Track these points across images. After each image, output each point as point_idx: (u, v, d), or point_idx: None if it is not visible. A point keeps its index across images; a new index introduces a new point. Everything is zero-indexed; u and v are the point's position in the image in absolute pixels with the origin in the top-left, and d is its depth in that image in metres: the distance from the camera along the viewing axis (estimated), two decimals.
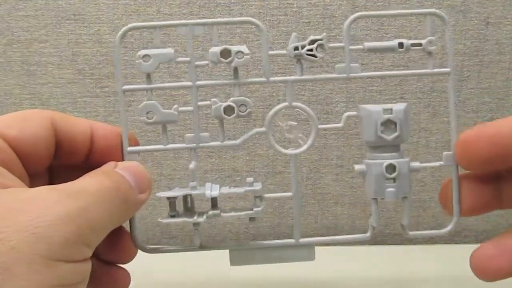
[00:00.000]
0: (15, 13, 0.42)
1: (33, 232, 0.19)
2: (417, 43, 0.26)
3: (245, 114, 0.26)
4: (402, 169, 0.25)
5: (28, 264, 0.18)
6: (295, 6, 0.41)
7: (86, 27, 0.42)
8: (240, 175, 0.45)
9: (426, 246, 0.47)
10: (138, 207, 0.25)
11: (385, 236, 0.47)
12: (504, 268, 0.23)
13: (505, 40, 0.42)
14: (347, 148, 0.45)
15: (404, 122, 0.25)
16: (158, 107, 0.26)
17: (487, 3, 0.41)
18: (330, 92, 0.43)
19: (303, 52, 0.25)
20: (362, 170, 0.26)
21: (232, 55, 0.25)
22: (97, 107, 0.44)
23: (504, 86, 0.43)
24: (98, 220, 0.21)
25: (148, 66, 0.25)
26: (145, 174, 0.25)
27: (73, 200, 0.20)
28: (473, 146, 0.23)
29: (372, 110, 0.25)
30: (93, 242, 0.21)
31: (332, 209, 0.46)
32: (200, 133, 0.26)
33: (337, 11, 0.41)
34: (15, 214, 0.19)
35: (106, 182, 0.23)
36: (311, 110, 0.26)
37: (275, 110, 0.26)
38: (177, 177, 0.46)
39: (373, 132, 0.25)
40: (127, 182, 0.24)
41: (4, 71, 0.44)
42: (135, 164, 0.25)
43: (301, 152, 0.27)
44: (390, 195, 0.25)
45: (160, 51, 0.25)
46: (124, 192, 0.23)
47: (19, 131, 0.24)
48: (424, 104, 0.43)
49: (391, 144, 0.25)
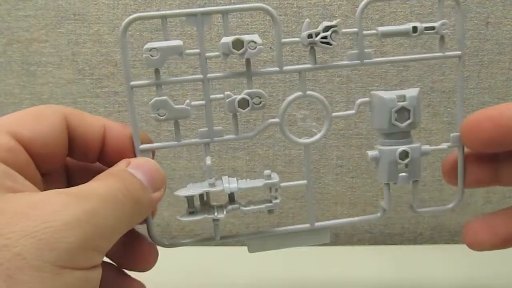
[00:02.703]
0: (15, 13, 0.42)
1: (40, 238, 0.18)
2: (430, 26, 0.25)
3: (259, 107, 0.25)
4: (414, 155, 0.25)
5: (33, 272, 0.18)
6: (295, 6, 0.41)
7: (86, 27, 0.42)
8: (240, 175, 0.45)
9: (426, 245, 0.47)
10: (152, 207, 0.24)
11: (385, 236, 0.47)
12: (486, 241, 0.26)
13: (505, 40, 0.42)
14: (347, 148, 0.45)
15: (417, 108, 0.25)
16: (169, 103, 0.24)
17: (487, 3, 0.41)
18: (330, 92, 0.43)
19: (317, 39, 0.24)
20: (376, 156, 0.26)
21: (244, 46, 0.23)
22: (97, 107, 0.44)
23: (504, 86, 0.43)
24: (107, 224, 0.21)
25: (156, 60, 0.23)
26: (158, 171, 0.24)
27: (81, 204, 0.20)
28: (477, 127, 0.24)
29: (385, 97, 0.25)
30: (102, 247, 0.21)
31: (332, 209, 0.46)
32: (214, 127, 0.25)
33: (337, 11, 0.41)
34: (21, 220, 0.19)
35: (115, 184, 0.22)
36: (325, 99, 0.26)
37: (289, 100, 0.25)
38: (177, 177, 0.46)
39: (387, 119, 0.25)
40: (137, 182, 0.23)
41: (4, 71, 0.44)
42: (148, 161, 0.24)
43: (315, 141, 0.26)
44: (403, 180, 0.26)
45: (168, 44, 0.23)
46: (134, 193, 0.23)
47: (32, 131, 0.23)
48: (424, 104, 0.43)
49: (404, 131, 0.25)
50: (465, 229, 0.27)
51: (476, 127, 0.24)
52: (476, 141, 0.25)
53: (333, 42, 0.24)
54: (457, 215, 0.47)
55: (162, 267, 0.27)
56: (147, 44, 0.23)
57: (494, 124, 0.24)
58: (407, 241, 0.47)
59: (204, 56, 0.24)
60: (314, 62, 0.25)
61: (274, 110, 0.43)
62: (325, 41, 0.24)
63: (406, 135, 0.26)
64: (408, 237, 0.48)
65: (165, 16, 0.24)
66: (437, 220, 0.47)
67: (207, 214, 0.25)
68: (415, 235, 0.48)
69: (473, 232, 0.26)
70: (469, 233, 0.26)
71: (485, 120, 0.24)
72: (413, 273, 0.39)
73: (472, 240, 0.26)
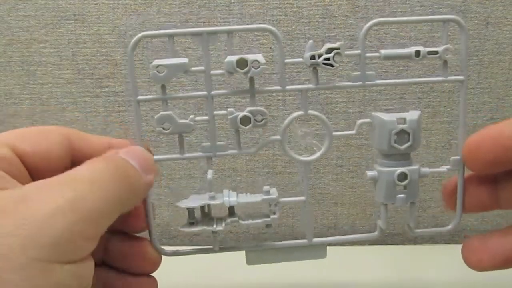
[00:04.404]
0: (15, 13, 0.42)
1: (22, 235, 0.18)
2: (433, 51, 0.25)
3: (261, 124, 0.25)
4: (412, 177, 0.25)
5: (19, 271, 0.17)
6: (295, 6, 0.41)
7: (86, 27, 0.42)
8: (240, 175, 0.45)
9: (427, 246, 0.47)
10: (146, 190, 0.24)
11: (385, 236, 0.47)
12: (484, 260, 0.25)
13: (505, 40, 0.42)
14: (347, 148, 0.45)
15: (417, 131, 0.25)
16: (174, 118, 0.25)
17: (487, 3, 0.41)
18: (330, 92, 0.43)
19: (320, 61, 0.25)
20: (374, 176, 0.26)
21: (248, 65, 0.24)
22: (97, 107, 0.44)
23: (504, 86, 0.43)
24: (94, 208, 0.20)
25: (163, 77, 0.24)
26: (149, 155, 0.24)
27: (63, 191, 0.19)
28: (478, 148, 0.24)
29: (386, 120, 0.25)
30: (90, 233, 0.20)
31: (332, 209, 0.46)
32: (217, 142, 0.26)
33: (337, 11, 0.41)
34: (2, 218, 0.18)
35: (103, 165, 0.21)
36: (326, 118, 0.26)
37: (291, 118, 0.26)
38: (177, 177, 0.46)
39: (387, 141, 0.25)
40: (127, 163, 0.23)
41: (4, 71, 0.44)
42: (137, 147, 0.24)
43: (315, 159, 0.27)
44: (400, 201, 0.26)
45: (174, 61, 0.24)
46: (124, 173, 0.22)
47: (32, 146, 0.23)
48: (424, 104, 0.43)
49: (403, 153, 0.25)
50: (464, 248, 0.26)
51: (478, 148, 0.24)
52: (478, 161, 0.24)
53: (336, 64, 0.25)
54: None
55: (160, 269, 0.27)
56: (154, 61, 0.24)
57: (495, 143, 0.23)
58: (407, 241, 0.47)
59: (209, 73, 0.25)
60: (316, 82, 0.26)
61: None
62: (328, 62, 0.25)
63: (406, 157, 0.26)
64: (408, 237, 0.48)
65: (172, 35, 0.24)
66: (437, 220, 0.47)
67: (207, 226, 0.26)
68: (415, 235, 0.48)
69: (472, 253, 0.26)
70: (468, 253, 0.26)
71: (485, 140, 0.24)
72: (413, 273, 0.39)
73: (472, 261, 0.26)
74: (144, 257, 0.26)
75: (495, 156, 0.23)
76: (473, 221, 0.47)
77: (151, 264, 0.26)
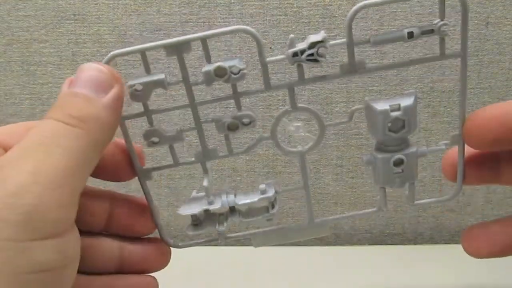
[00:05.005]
0: (15, 13, 0.42)
1: None
2: (428, 29, 0.23)
3: (250, 126, 0.25)
4: (409, 160, 0.25)
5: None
6: (295, 6, 0.41)
7: (86, 27, 0.42)
8: (240, 175, 0.45)
9: (426, 246, 0.47)
10: (111, 111, 0.21)
11: (385, 236, 0.47)
12: (484, 248, 0.25)
13: (505, 40, 0.42)
14: (347, 148, 0.45)
15: (412, 117, 0.24)
16: (160, 132, 0.24)
17: (487, 3, 0.41)
18: (330, 92, 0.43)
19: (303, 58, 0.23)
20: (371, 161, 0.26)
21: (227, 72, 0.23)
22: None
23: (504, 86, 0.43)
24: (59, 168, 0.18)
25: (141, 95, 0.23)
26: (101, 71, 0.21)
27: (22, 165, 0.18)
28: (480, 126, 0.23)
29: (378, 109, 0.24)
30: (64, 199, 0.18)
31: (332, 209, 0.46)
32: (209, 146, 0.26)
33: (337, 11, 0.41)
34: None
35: (53, 119, 0.20)
36: (316, 110, 0.25)
37: (278, 116, 0.25)
38: (177, 177, 0.46)
39: (381, 130, 0.24)
40: (78, 100, 0.20)
41: (4, 71, 0.44)
42: (88, 66, 0.22)
43: (311, 149, 0.26)
44: (398, 184, 0.26)
45: (150, 79, 0.23)
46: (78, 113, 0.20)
47: None
48: (424, 104, 0.43)
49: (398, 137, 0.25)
50: (464, 235, 0.27)
51: (481, 127, 0.24)
52: (480, 141, 0.24)
53: (321, 58, 0.23)
54: (457, 215, 0.47)
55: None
56: (130, 81, 0.23)
57: (500, 123, 0.23)
58: (407, 241, 0.47)
59: (188, 84, 0.24)
60: (302, 78, 0.24)
61: (274, 110, 0.43)
62: (312, 58, 0.23)
63: (403, 140, 0.25)
64: (408, 237, 0.48)
65: (143, 50, 0.23)
66: (437, 220, 0.47)
67: (210, 226, 0.27)
68: (415, 235, 0.48)
69: (471, 239, 0.26)
70: (468, 239, 0.26)
71: (490, 119, 0.23)
72: (413, 273, 0.39)
73: (470, 246, 0.26)
74: (162, 254, 0.27)
75: (499, 135, 0.23)
76: (473, 221, 0.47)
77: (168, 260, 0.27)
